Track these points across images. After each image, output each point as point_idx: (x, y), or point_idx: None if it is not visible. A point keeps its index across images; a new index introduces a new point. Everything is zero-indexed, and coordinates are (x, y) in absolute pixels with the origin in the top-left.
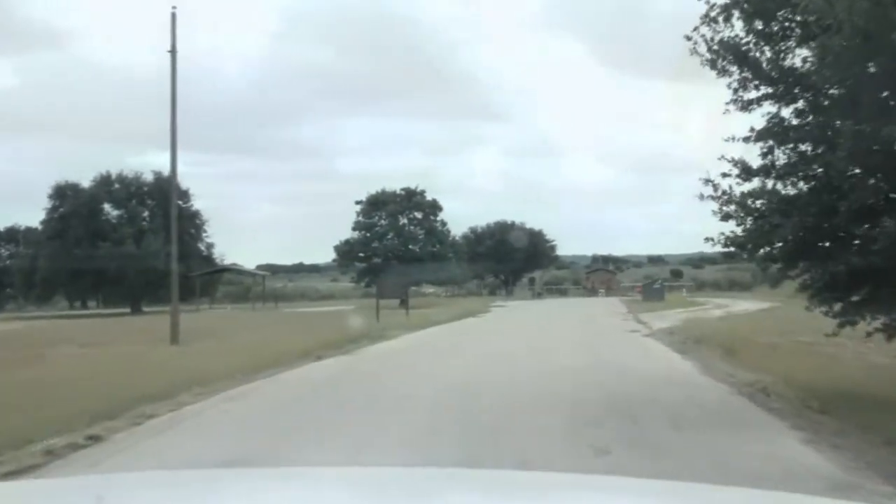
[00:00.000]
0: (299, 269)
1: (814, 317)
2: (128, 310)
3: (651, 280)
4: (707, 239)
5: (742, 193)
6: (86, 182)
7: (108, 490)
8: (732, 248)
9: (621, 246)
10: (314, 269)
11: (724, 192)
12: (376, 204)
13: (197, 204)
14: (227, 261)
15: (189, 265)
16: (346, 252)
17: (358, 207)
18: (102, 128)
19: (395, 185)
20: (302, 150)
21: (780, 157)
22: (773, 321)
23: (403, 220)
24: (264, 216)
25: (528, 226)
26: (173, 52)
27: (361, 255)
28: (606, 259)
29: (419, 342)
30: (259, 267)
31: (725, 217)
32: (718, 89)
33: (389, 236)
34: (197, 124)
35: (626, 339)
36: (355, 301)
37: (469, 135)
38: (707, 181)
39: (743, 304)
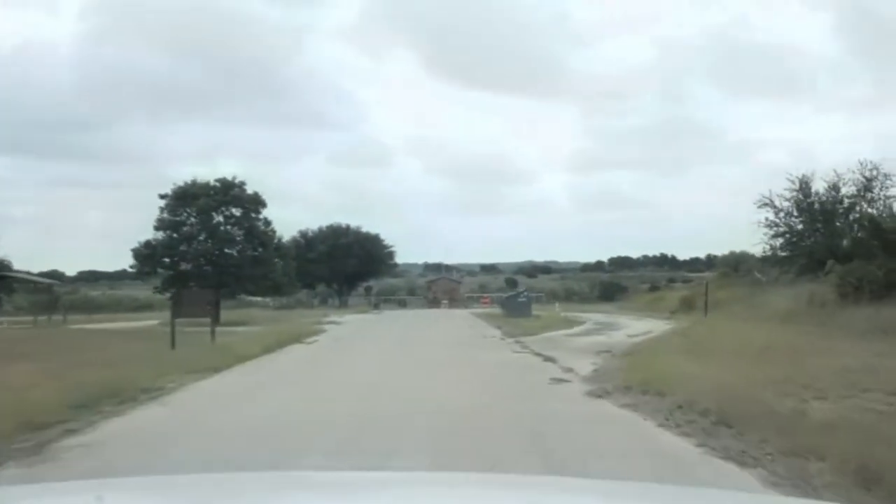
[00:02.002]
0: (122, 276)
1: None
2: None
3: (516, 292)
4: None
5: None
6: None
7: (108, 494)
8: None
9: (452, 254)
10: (138, 277)
11: None
12: (185, 198)
13: (15, 210)
14: (47, 267)
15: None
16: (147, 256)
17: (162, 203)
18: None
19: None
20: (128, 155)
21: None
22: (735, 356)
23: (218, 218)
24: (89, 222)
25: (363, 230)
26: None
27: (166, 259)
28: (440, 267)
29: (206, 414)
30: (81, 273)
31: None
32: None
33: (201, 237)
34: (16, 127)
35: (573, 408)
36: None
37: (300, 142)
38: None
39: (632, 323)
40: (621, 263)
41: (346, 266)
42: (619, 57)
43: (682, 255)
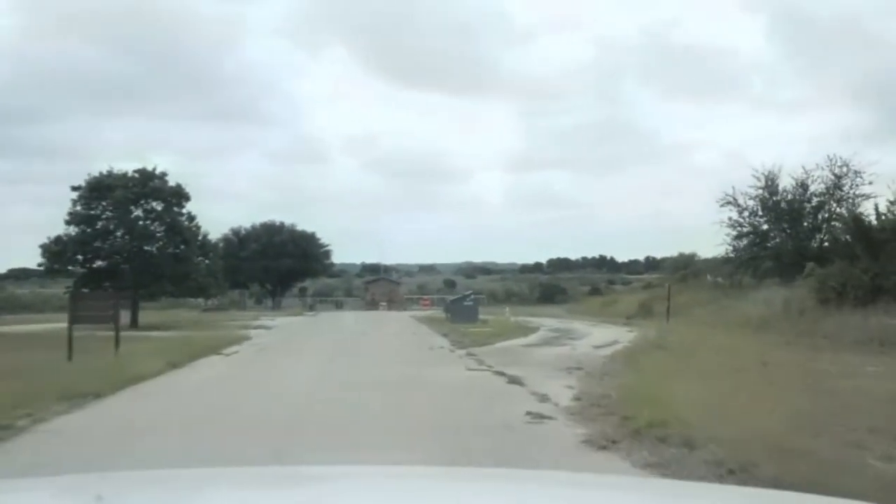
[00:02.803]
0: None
1: None
2: None
3: (462, 295)
4: None
5: None
6: None
7: (107, 489)
8: None
9: (389, 254)
10: (48, 275)
11: None
12: (100, 190)
13: None
14: None
15: None
16: (57, 253)
17: (75, 195)
18: None
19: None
20: (60, 150)
21: None
22: (737, 377)
23: (137, 213)
24: (18, 219)
25: (299, 228)
26: None
27: (79, 257)
28: (378, 267)
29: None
30: (11, 271)
31: None
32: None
33: (118, 233)
34: None
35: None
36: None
37: (236, 139)
38: None
39: (591, 330)
40: (559, 265)
41: (280, 265)
42: (556, 57)
43: (621, 257)
